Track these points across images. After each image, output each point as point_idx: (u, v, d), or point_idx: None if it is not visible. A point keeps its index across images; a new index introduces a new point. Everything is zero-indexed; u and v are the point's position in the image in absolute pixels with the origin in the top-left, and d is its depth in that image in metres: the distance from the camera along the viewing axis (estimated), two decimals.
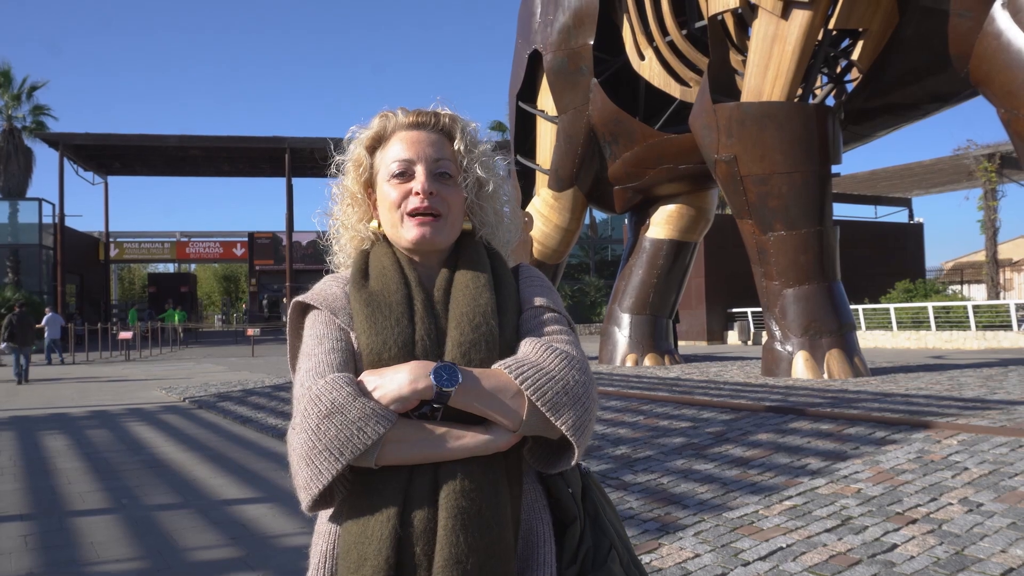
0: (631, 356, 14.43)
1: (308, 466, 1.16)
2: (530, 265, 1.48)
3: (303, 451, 1.17)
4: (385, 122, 1.40)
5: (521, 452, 1.27)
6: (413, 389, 1.18)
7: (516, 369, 1.22)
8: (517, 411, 1.21)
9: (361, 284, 1.33)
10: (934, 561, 3.51)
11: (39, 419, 10.33)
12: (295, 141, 35.36)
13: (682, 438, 6.37)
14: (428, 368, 1.19)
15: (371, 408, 1.16)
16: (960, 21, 9.63)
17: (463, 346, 1.25)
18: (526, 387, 1.20)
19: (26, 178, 36.31)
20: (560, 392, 1.21)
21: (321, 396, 1.17)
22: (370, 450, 1.16)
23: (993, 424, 6.12)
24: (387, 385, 1.19)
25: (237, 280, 66.60)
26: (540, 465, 1.29)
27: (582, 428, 1.21)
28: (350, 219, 1.44)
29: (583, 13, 13.58)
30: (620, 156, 13.83)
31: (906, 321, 24.55)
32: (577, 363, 1.25)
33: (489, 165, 1.42)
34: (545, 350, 1.25)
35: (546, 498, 1.32)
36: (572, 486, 1.34)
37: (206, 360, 22.53)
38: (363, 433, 1.15)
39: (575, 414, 1.21)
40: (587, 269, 45.08)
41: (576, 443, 1.21)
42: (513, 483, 1.25)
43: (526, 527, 1.27)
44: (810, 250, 10.65)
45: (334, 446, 1.15)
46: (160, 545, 4.53)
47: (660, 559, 3.71)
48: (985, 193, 31.02)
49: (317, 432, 1.16)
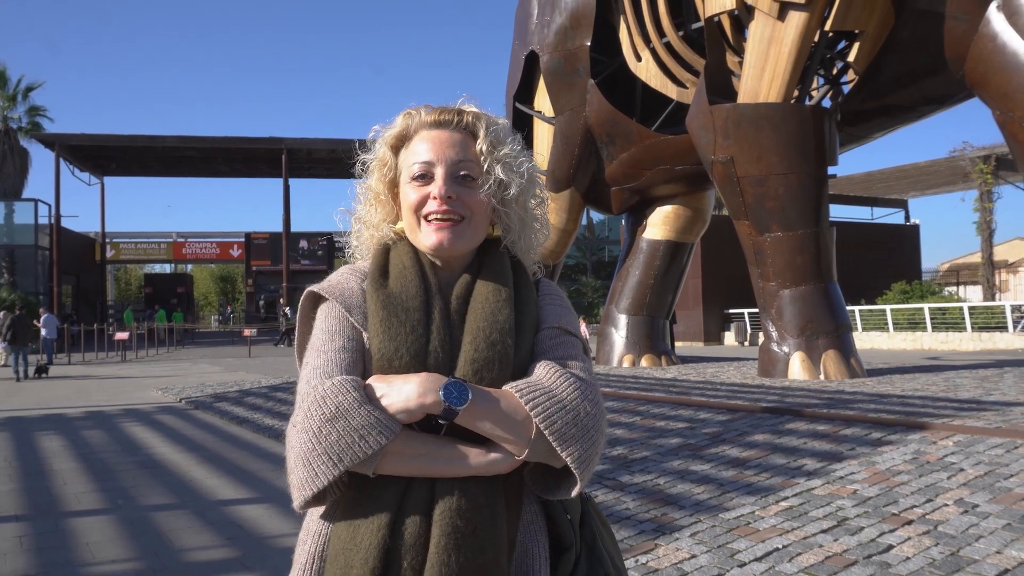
0: (628, 357, 14.44)
1: (305, 467, 1.15)
2: (548, 280, 1.44)
3: (302, 451, 1.15)
4: (409, 120, 1.36)
5: (522, 474, 1.24)
6: (421, 403, 1.16)
7: (528, 394, 1.19)
8: (524, 436, 1.18)
9: (380, 283, 1.30)
10: (930, 562, 3.51)
11: (35, 419, 10.30)
12: (292, 142, 35.34)
13: (679, 439, 6.38)
14: (439, 383, 1.17)
15: (376, 417, 1.14)
16: (956, 23, 9.65)
17: (476, 363, 1.22)
18: (535, 413, 1.17)
19: (22, 179, 36.22)
20: (570, 423, 1.18)
21: (326, 398, 1.15)
22: (370, 459, 1.14)
23: (989, 425, 6.13)
24: (394, 395, 1.17)
25: (234, 281, 66.50)
26: (540, 490, 1.26)
27: (587, 461, 1.19)
28: (373, 219, 1.40)
29: (580, 14, 13.59)
30: (617, 157, 13.84)
31: (902, 322, 24.60)
32: (590, 394, 1.22)
33: (513, 166, 1.35)
34: (559, 376, 1.22)
35: (544, 521, 1.28)
36: (571, 512, 1.30)
37: (202, 361, 22.49)
38: (364, 441, 1.13)
39: (582, 447, 1.18)
40: (584, 270, 45.10)
41: (579, 475, 1.19)
42: (512, 504, 1.22)
43: (521, 549, 1.24)
44: (806, 251, 10.67)
45: (334, 451, 1.13)
46: (156, 546, 4.52)
47: (656, 560, 3.71)
48: (981, 195, 31.10)
49: (318, 435, 1.14)
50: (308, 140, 35.55)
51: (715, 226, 17.51)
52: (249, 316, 43.68)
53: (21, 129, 36.27)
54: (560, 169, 14.59)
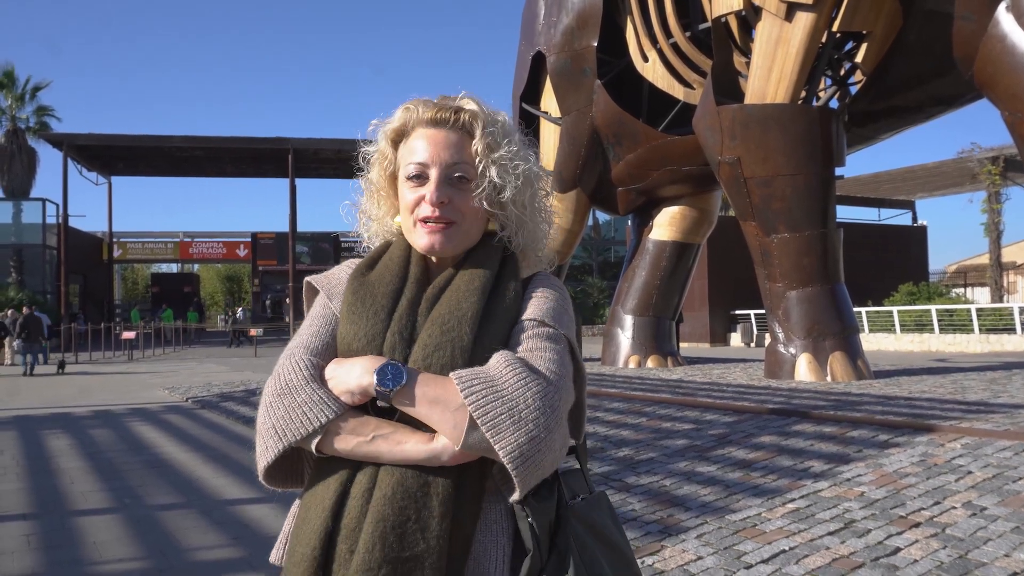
0: (634, 358, 14.43)
1: (260, 440, 1.20)
2: (549, 275, 1.41)
3: (259, 424, 1.21)
4: (407, 115, 1.35)
5: (487, 469, 1.19)
6: (359, 383, 1.17)
7: (467, 380, 1.14)
8: (458, 425, 1.13)
9: (362, 272, 1.34)
10: (937, 565, 3.50)
11: (42, 418, 10.34)
12: (298, 142, 35.38)
13: (685, 440, 6.36)
14: (377, 363, 1.18)
15: (319, 395, 1.17)
16: (964, 24, 9.61)
17: (427, 348, 1.20)
18: (469, 402, 1.12)
19: (30, 178, 36.42)
20: (504, 413, 1.11)
21: (280, 375, 1.22)
22: (310, 436, 1.16)
23: (997, 428, 6.10)
24: (340, 375, 1.19)
25: (240, 280, 66.64)
26: (507, 491, 1.19)
27: (525, 458, 1.10)
28: (377, 212, 1.42)
29: (587, 15, 13.58)
30: (623, 158, 13.83)
31: (909, 324, 24.51)
32: (538, 384, 1.14)
33: (508, 168, 1.32)
34: (507, 366, 1.16)
35: (510, 523, 1.21)
36: (535, 516, 1.17)
37: (208, 360, 22.55)
38: (306, 418, 1.16)
39: (517, 440, 1.10)
40: (590, 270, 45.12)
41: (513, 472, 1.10)
42: (471, 500, 1.17)
43: (479, 548, 1.18)
44: (813, 252, 10.64)
45: (279, 426, 1.17)
46: (162, 545, 4.53)
47: (662, 561, 3.70)
48: (989, 196, 30.96)
49: (269, 409, 1.20)
50: (314, 140, 35.57)
51: (722, 227, 17.48)
52: (255, 316, 43.75)
53: (29, 129, 36.47)
54: (566, 170, 14.58)
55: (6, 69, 35.71)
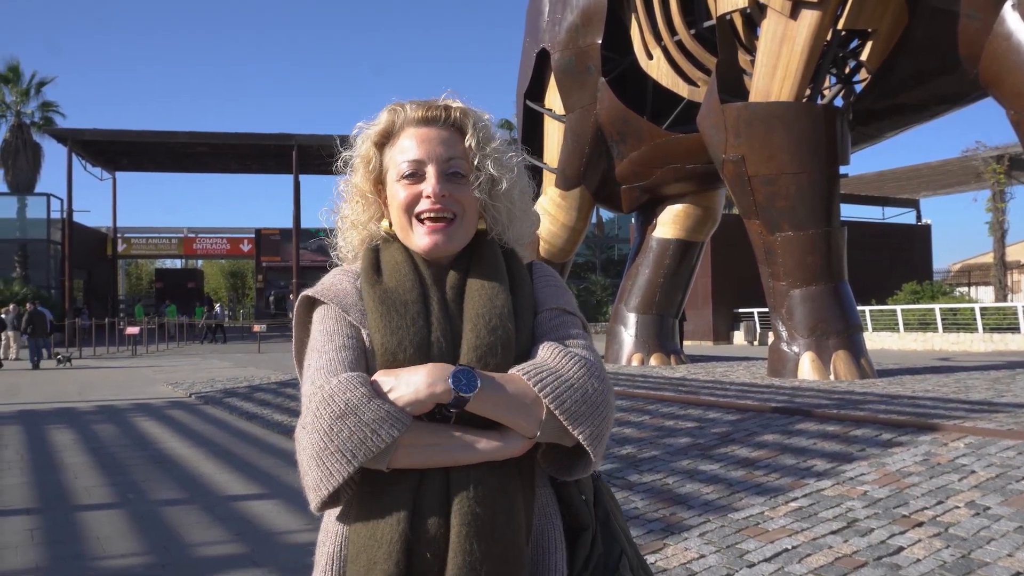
0: (637, 355, 14.42)
1: (319, 467, 1.14)
2: (542, 263, 1.44)
3: (314, 451, 1.14)
4: (394, 117, 1.34)
5: (535, 456, 1.24)
6: (431, 393, 1.15)
7: (535, 375, 1.19)
8: (535, 418, 1.18)
9: (375, 280, 1.29)
10: (940, 564, 3.49)
11: (46, 413, 10.37)
12: (303, 138, 35.40)
13: (688, 438, 6.36)
14: (447, 371, 1.16)
15: (386, 410, 1.13)
16: (970, 22, 9.58)
17: (479, 349, 1.22)
18: (544, 394, 1.17)
19: (34, 173, 36.51)
20: (579, 401, 1.18)
21: (335, 396, 1.14)
22: (383, 453, 1.13)
23: (1000, 427, 6.09)
24: (403, 387, 1.16)
25: (244, 276, 66.72)
26: (555, 471, 1.27)
27: (599, 437, 1.20)
28: (360, 217, 1.39)
29: (591, 12, 13.56)
30: (627, 155, 13.81)
31: (913, 323, 24.45)
32: (596, 370, 1.23)
33: (502, 161, 1.35)
34: (564, 356, 1.22)
35: (558, 504, 1.29)
36: (585, 492, 1.31)
37: (212, 356, 22.59)
38: (377, 436, 1.12)
39: (593, 424, 1.18)
40: (593, 268, 45.07)
41: (593, 453, 1.20)
42: (526, 488, 1.22)
43: (538, 532, 1.24)
44: (817, 251, 10.62)
45: (347, 448, 1.12)
46: (166, 540, 4.54)
47: (665, 559, 3.70)
48: (993, 195, 30.86)
49: (329, 433, 1.13)
50: (318, 136, 35.58)
51: (725, 225, 17.46)
52: (259, 312, 43.80)
53: (34, 124, 36.57)
54: (570, 167, 14.57)
55: (11, 64, 35.85)
